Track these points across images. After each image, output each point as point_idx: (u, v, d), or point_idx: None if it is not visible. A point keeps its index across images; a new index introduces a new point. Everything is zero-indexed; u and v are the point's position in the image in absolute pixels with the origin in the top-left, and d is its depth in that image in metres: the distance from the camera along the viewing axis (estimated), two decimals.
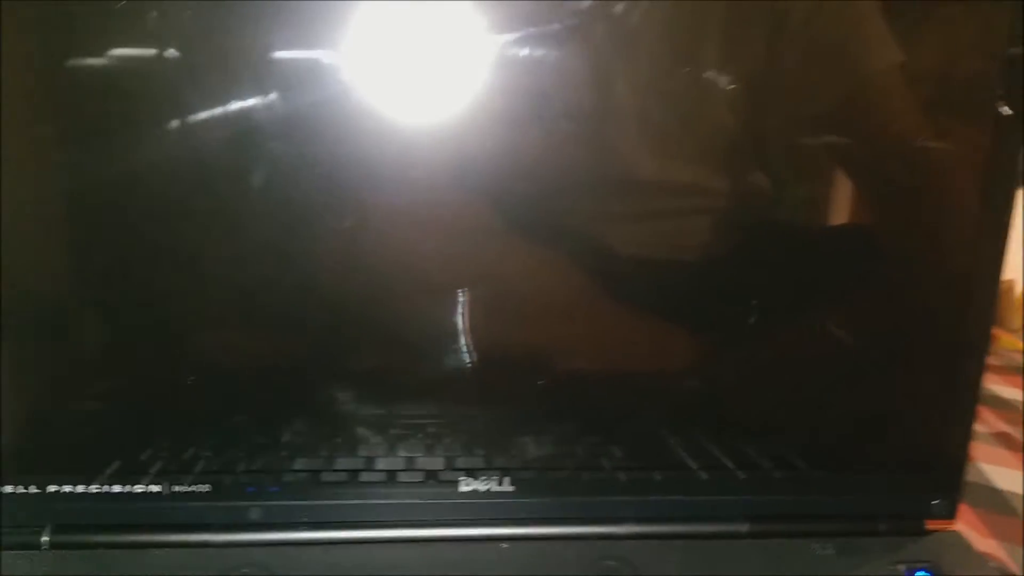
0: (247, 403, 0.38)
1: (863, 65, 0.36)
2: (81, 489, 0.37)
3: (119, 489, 0.38)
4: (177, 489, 0.38)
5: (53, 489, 0.37)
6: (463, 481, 0.39)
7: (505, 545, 0.39)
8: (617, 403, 0.40)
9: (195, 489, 0.38)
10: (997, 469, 0.52)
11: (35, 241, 0.36)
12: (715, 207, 0.37)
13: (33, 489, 0.37)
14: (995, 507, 0.48)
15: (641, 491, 0.40)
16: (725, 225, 0.38)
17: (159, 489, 0.38)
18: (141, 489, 0.37)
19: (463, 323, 0.37)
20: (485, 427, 0.39)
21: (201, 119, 0.33)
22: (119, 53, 0.33)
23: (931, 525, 0.41)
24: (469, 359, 0.37)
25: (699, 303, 0.39)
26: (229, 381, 0.38)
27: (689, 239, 0.38)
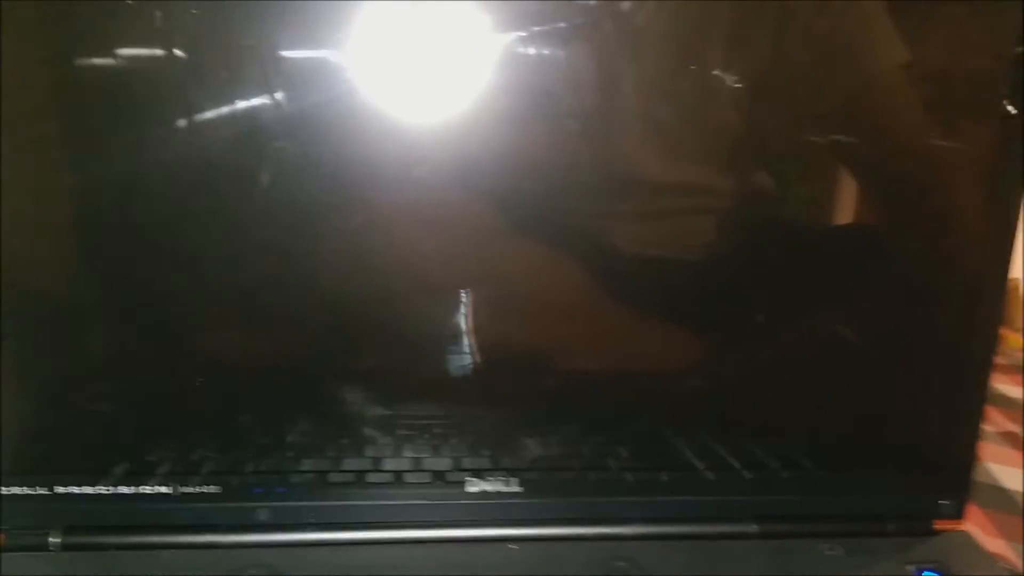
0: (254, 404, 0.38)
1: (869, 65, 0.36)
2: (90, 490, 0.38)
3: (128, 490, 0.38)
4: (185, 490, 0.38)
5: (62, 490, 0.37)
6: (470, 482, 0.39)
7: (512, 546, 0.39)
8: (623, 403, 0.40)
9: (203, 490, 0.38)
10: (1004, 468, 0.52)
11: (44, 242, 0.36)
12: (720, 207, 0.37)
13: (42, 490, 0.37)
14: (1002, 506, 0.48)
15: (649, 492, 0.40)
16: (730, 225, 0.38)
17: (168, 490, 0.38)
18: (150, 490, 0.38)
19: (469, 323, 0.37)
20: (492, 427, 0.39)
21: (206, 119, 0.33)
22: (124, 53, 0.33)
23: (939, 525, 0.41)
24: (475, 359, 0.37)
25: (705, 303, 0.39)
26: (237, 382, 0.38)
27: (694, 239, 0.38)
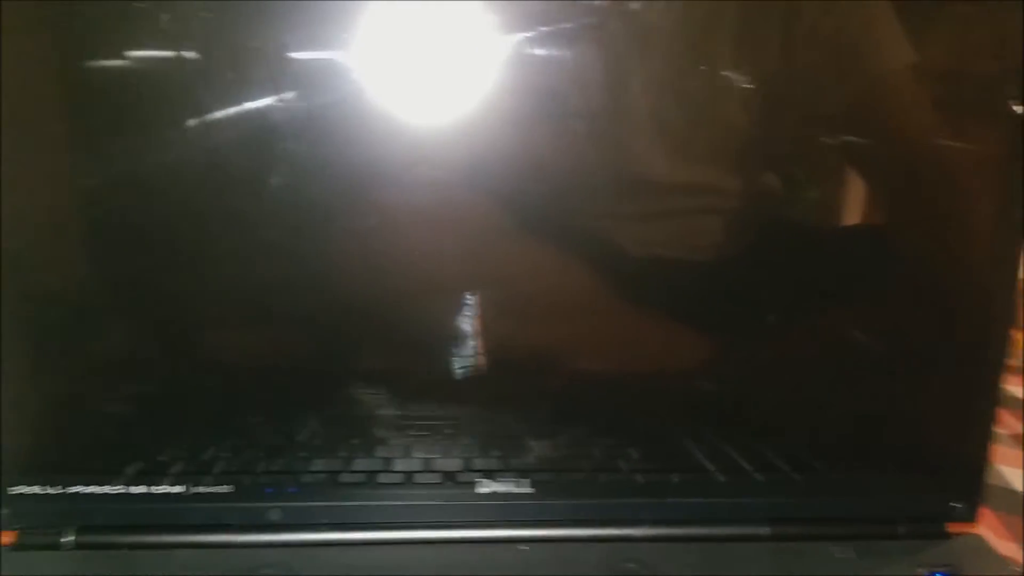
0: (265, 404, 0.38)
1: (876, 65, 0.36)
2: (103, 490, 0.38)
3: (140, 490, 0.38)
4: (198, 490, 0.38)
5: (76, 490, 0.38)
6: (481, 483, 0.39)
7: (523, 547, 0.39)
8: (634, 404, 0.40)
9: (215, 490, 0.38)
10: (1015, 471, 0.52)
11: (58, 243, 0.36)
12: (727, 207, 0.37)
13: (56, 490, 0.38)
14: (1014, 509, 0.47)
15: (659, 493, 0.40)
16: (738, 225, 0.38)
17: (180, 490, 0.38)
18: (163, 490, 0.38)
19: (479, 324, 0.37)
20: (502, 428, 0.39)
21: (215, 120, 0.33)
22: (133, 55, 0.33)
23: (952, 528, 0.41)
24: (485, 360, 0.37)
25: (714, 303, 0.39)
26: (248, 383, 0.38)
27: (702, 239, 0.38)
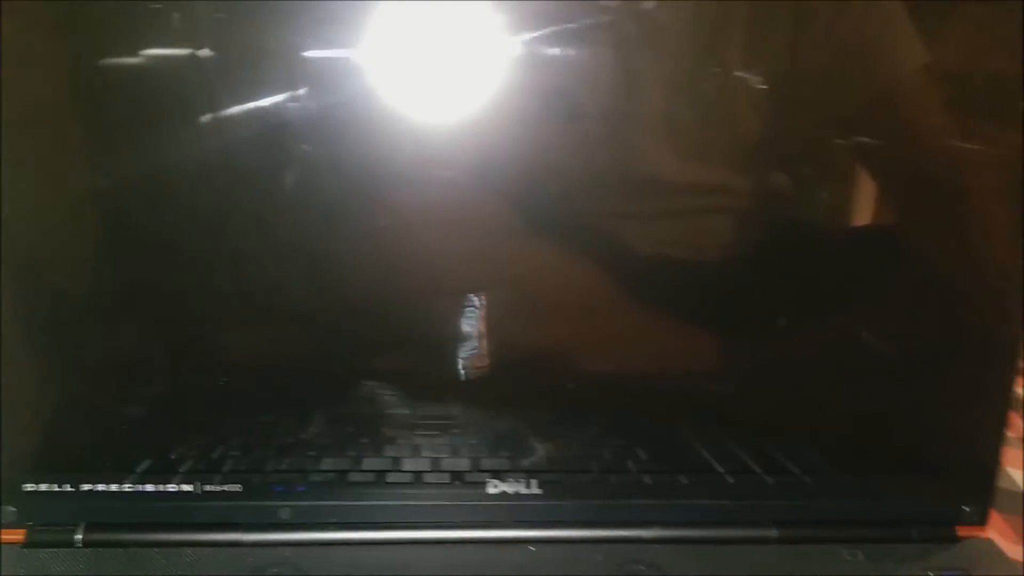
0: (275, 403, 0.38)
1: (889, 66, 0.36)
2: (114, 488, 0.38)
3: (151, 488, 0.38)
4: (207, 488, 0.38)
5: (87, 488, 0.38)
6: (490, 483, 0.39)
7: (532, 548, 0.39)
8: (642, 405, 0.39)
9: (225, 489, 0.38)
10: (1018, 472, 0.51)
11: (71, 242, 0.36)
12: (737, 207, 0.37)
13: (67, 487, 0.38)
14: (1015, 510, 0.47)
15: (668, 495, 0.40)
16: (749, 225, 0.37)
17: (190, 488, 0.38)
18: (173, 488, 0.38)
19: (487, 323, 0.37)
20: (512, 429, 0.39)
21: (225, 120, 0.33)
22: (145, 54, 0.33)
23: (962, 532, 0.41)
24: (494, 360, 0.38)
25: (724, 303, 0.39)
26: (258, 382, 0.38)
27: (712, 239, 0.38)
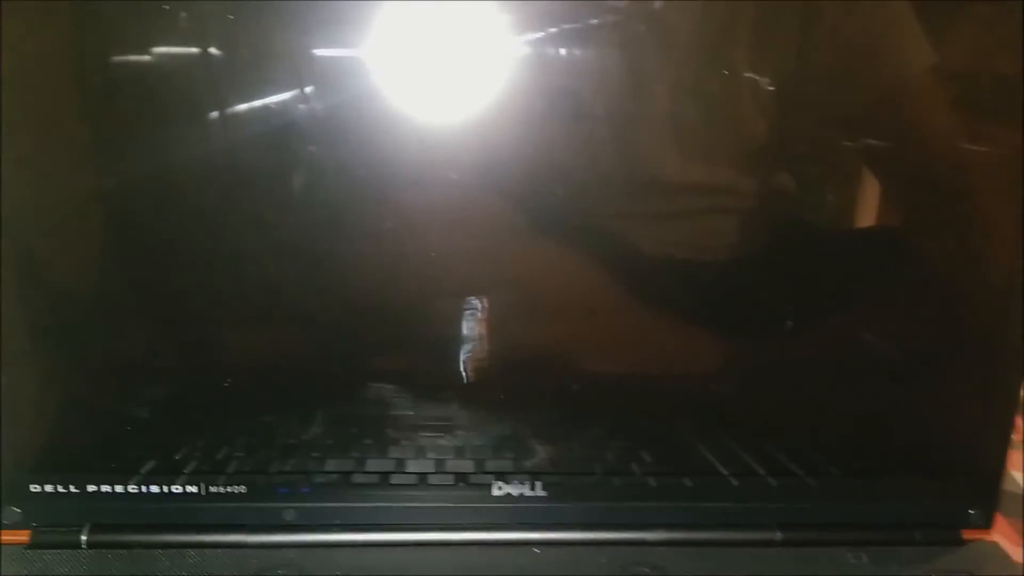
0: (280, 405, 0.38)
1: (896, 66, 0.36)
2: (119, 489, 0.38)
3: (155, 489, 0.38)
4: (212, 490, 0.38)
5: (92, 489, 0.38)
6: (494, 485, 0.39)
7: (536, 550, 0.39)
8: (647, 407, 0.39)
9: (230, 490, 0.38)
10: (1018, 474, 0.51)
11: (76, 242, 0.36)
12: (741, 207, 0.37)
13: (72, 489, 0.38)
14: (1016, 512, 0.47)
15: (672, 497, 0.40)
16: (752, 225, 0.37)
17: (194, 490, 0.38)
18: (178, 489, 0.38)
19: (491, 325, 0.37)
20: (516, 431, 0.39)
21: (231, 120, 0.33)
22: (154, 53, 0.33)
23: (967, 535, 0.40)
24: (498, 361, 0.37)
25: (728, 304, 0.38)
26: (263, 383, 0.38)
27: (717, 239, 0.37)
